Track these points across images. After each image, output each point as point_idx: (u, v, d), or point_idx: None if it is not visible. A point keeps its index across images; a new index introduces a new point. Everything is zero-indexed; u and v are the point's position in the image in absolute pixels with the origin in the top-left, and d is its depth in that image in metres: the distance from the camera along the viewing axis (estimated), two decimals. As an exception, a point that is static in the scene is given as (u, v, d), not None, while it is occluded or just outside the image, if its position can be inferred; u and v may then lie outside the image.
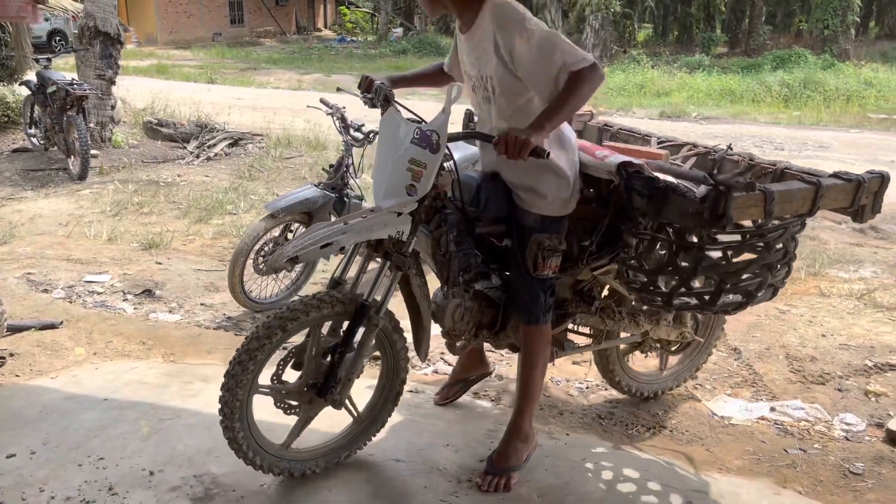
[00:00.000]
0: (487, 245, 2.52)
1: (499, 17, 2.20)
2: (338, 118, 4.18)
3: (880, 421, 3.09)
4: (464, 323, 2.52)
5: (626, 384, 3.10)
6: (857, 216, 2.52)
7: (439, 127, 2.15)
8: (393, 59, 22.73)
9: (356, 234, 2.20)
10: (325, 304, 2.27)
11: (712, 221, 2.13)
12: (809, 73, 17.31)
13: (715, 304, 2.41)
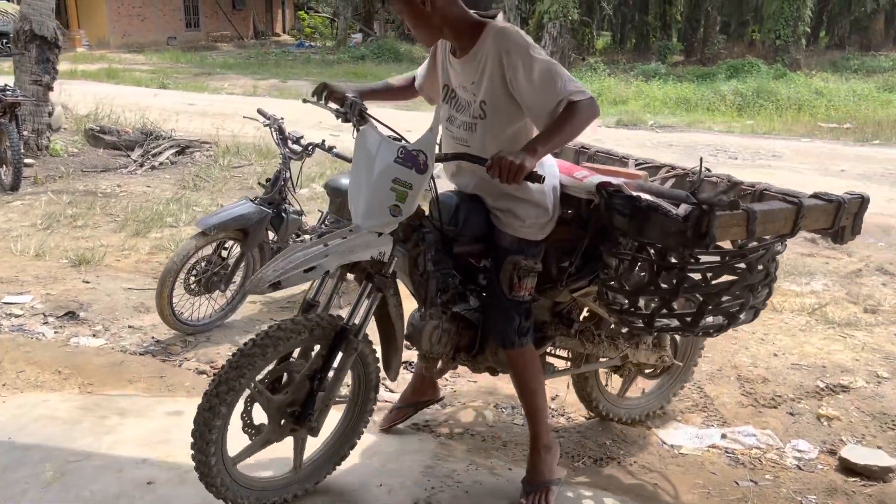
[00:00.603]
0: (465, 265, 2.49)
1: (503, 43, 2.16)
2: (275, 129, 3.99)
3: (833, 447, 3.00)
4: (441, 345, 2.46)
5: (605, 408, 3.03)
6: (837, 237, 2.50)
7: (427, 147, 2.12)
8: (352, 65, 22.48)
9: (339, 257, 2.14)
10: (305, 329, 2.19)
11: (695, 241, 2.11)
12: (762, 82, 17.56)
13: (697, 325, 2.37)
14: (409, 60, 23.85)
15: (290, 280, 2.08)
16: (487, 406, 3.23)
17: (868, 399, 3.41)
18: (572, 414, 3.18)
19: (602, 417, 3.08)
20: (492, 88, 2.21)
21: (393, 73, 20.47)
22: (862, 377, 3.61)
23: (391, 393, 3.28)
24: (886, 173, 9.47)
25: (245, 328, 3.94)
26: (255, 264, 3.94)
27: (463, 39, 2.26)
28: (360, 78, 19.34)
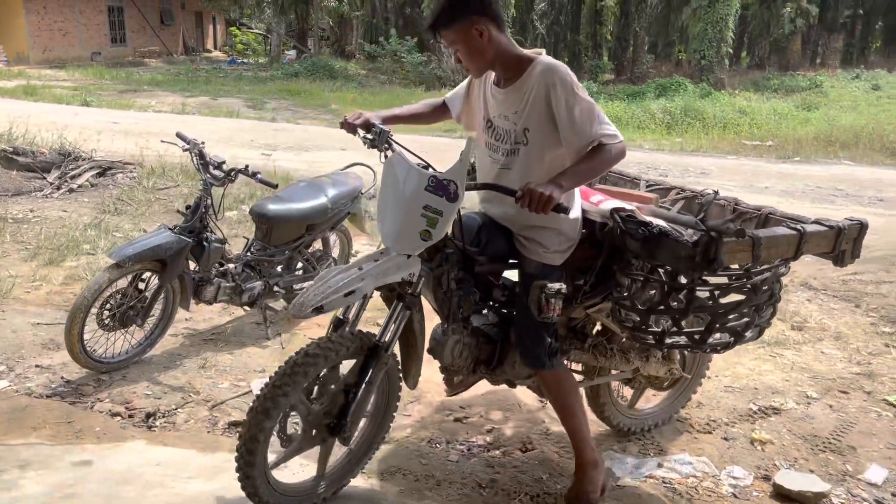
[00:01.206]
0: (485, 283, 2.62)
1: (552, 77, 2.31)
2: (195, 154, 3.80)
3: (767, 473, 2.99)
4: (462, 359, 2.61)
5: (616, 420, 3.15)
6: (837, 261, 2.64)
7: (458, 176, 2.26)
8: (285, 81, 22.15)
9: (374, 280, 2.29)
10: (343, 346, 2.34)
11: (704, 265, 2.24)
12: (689, 100, 18.09)
13: (705, 343, 2.53)
14: (343, 77, 23.71)
15: (332, 304, 2.22)
16: (422, 441, 3.11)
17: (799, 421, 3.43)
18: (508, 447, 3.09)
19: (614, 428, 3.18)
20: (536, 117, 2.36)
21: (327, 90, 20.34)
22: (792, 398, 3.64)
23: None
24: (807, 189, 9.81)
25: (165, 363, 3.73)
26: (175, 296, 3.74)
27: (510, 71, 2.42)
28: (294, 95, 19.12)
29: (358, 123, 2.65)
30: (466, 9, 2.32)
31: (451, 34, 2.36)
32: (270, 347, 4.00)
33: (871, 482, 2.96)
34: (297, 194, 4.19)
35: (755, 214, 2.80)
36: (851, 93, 21.83)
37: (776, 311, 2.68)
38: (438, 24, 2.39)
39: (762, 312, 2.58)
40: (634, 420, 3.23)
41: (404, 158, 2.42)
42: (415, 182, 2.31)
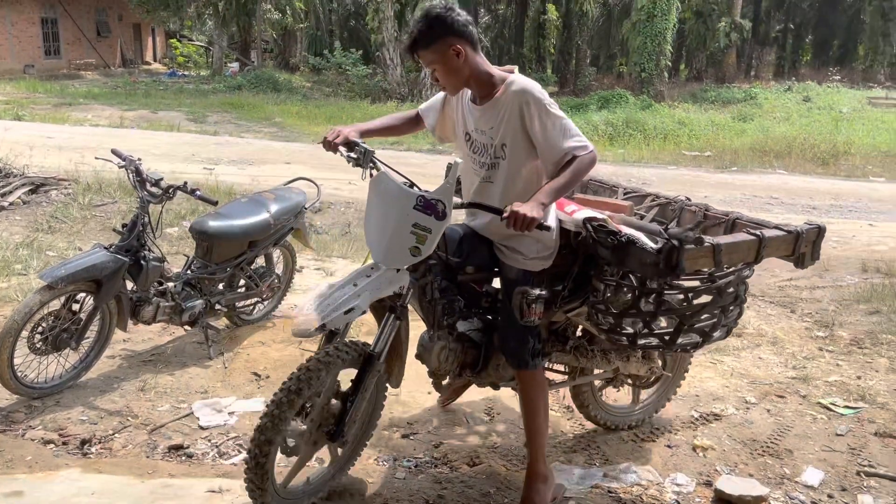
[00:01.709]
0: (469, 290, 2.78)
1: (524, 95, 2.45)
2: (131, 171, 3.70)
3: (709, 479, 3.05)
4: (448, 363, 2.75)
5: (601, 417, 3.31)
6: (798, 263, 2.82)
7: (445, 196, 2.39)
8: (228, 94, 21.81)
9: (371, 295, 2.42)
10: (340, 357, 2.46)
11: (667, 271, 2.39)
12: (630, 112, 18.49)
13: (675, 343, 2.71)
14: (287, 90, 23.49)
15: (334, 322, 2.35)
16: (368, 459, 3.08)
17: (739, 426, 3.51)
18: (455, 463, 3.08)
19: (599, 425, 3.34)
20: (512, 133, 2.50)
21: (270, 103, 20.13)
22: (732, 404, 3.73)
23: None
24: (744, 198, 10.11)
25: (102, 387, 3.61)
26: (112, 317, 3.62)
27: (484, 89, 2.55)
28: (237, 108, 18.85)
29: (339, 142, 2.66)
30: (445, 31, 2.44)
31: (430, 54, 2.48)
32: (213, 367, 3.91)
33: (808, 484, 3.04)
34: (239, 210, 4.12)
35: (723, 220, 2.97)
36: (784, 104, 22.62)
37: (742, 312, 2.87)
38: (418, 45, 2.48)
39: (728, 313, 2.77)
40: (619, 418, 3.38)
41: (391, 178, 2.52)
42: (403, 201, 2.44)
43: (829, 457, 3.26)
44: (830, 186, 11.16)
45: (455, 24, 2.45)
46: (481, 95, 2.57)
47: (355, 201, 8.89)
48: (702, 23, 30.83)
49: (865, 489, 3.03)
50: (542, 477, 2.75)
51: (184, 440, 3.19)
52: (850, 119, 18.99)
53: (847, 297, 5.67)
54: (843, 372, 4.19)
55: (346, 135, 2.66)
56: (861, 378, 4.11)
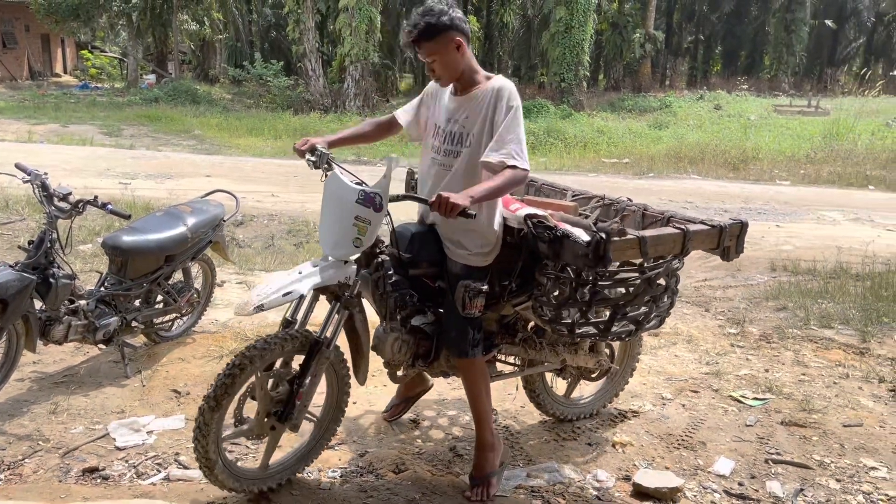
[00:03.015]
0: (422, 285, 2.95)
1: (502, 93, 2.70)
2: (37, 186, 3.56)
3: (628, 473, 3.14)
4: (402, 354, 2.91)
5: (551, 408, 3.48)
6: (724, 255, 3.07)
7: (382, 190, 2.62)
8: (144, 107, 21.18)
9: (311, 281, 2.59)
10: (286, 342, 2.64)
11: (596, 261, 2.60)
12: (551, 121, 18.90)
13: (609, 331, 2.95)
14: (207, 102, 22.99)
15: (271, 303, 2.49)
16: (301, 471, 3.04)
17: (655, 421, 3.64)
18: (381, 470, 3.08)
19: (551, 416, 3.52)
20: (480, 122, 2.73)
21: (189, 115, 19.68)
22: (649, 400, 3.86)
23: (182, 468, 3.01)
24: (661, 203, 10.45)
25: (10, 411, 3.45)
26: (20, 338, 3.47)
27: (467, 83, 2.79)
28: (154, 121, 18.36)
29: (304, 148, 2.91)
30: (448, 26, 2.68)
31: (433, 45, 2.69)
32: (130, 386, 3.80)
33: (720, 474, 3.18)
34: (154, 224, 4.02)
35: (659, 217, 3.17)
36: (697, 112, 23.54)
37: (674, 303, 3.12)
38: (422, 36, 2.68)
39: (659, 303, 3.01)
40: (569, 409, 3.55)
41: (339, 176, 2.75)
42: (347, 196, 2.66)
43: (739, 447, 3.42)
44: (740, 190, 11.68)
45: (456, 20, 2.69)
46: (463, 88, 2.80)
47: (279, 214, 8.78)
48: (618, 34, 31.85)
49: (773, 476, 3.18)
50: (489, 445, 3.00)
51: (99, 462, 3.08)
52: (758, 126, 19.91)
53: (757, 295, 5.95)
54: (752, 366, 4.39)
55: (312, 143, 2.92)
56: (769, 371, 4.32)
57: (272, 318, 4.86)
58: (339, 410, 2.97)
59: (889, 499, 3.04)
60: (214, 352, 4.22)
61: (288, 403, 2.71)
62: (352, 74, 22.60)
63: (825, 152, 15.35)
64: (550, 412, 3.49)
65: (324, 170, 2.83)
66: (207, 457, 2.57)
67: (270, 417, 2.71)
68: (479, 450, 3.00)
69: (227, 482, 2.66)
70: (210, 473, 2.61)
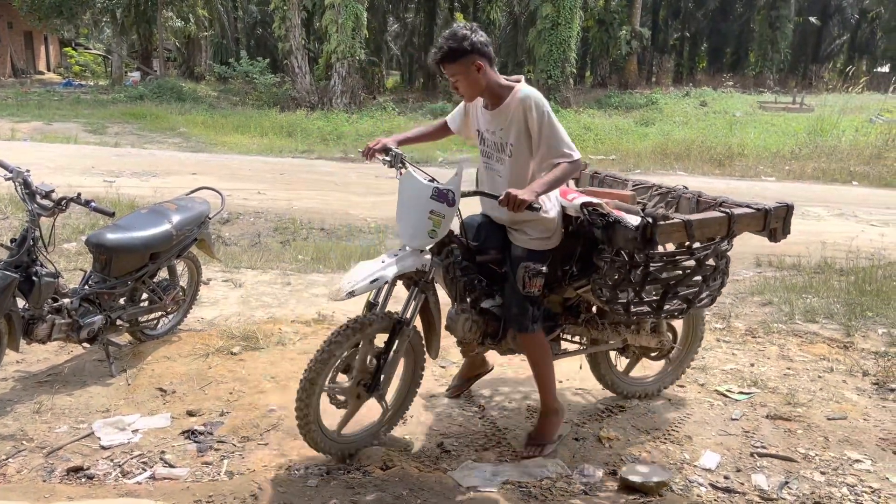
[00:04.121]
0: (490, 271, 3.22)
1: (527, 103, 2.92)
2: (19, 183, 3.53)
3: (614, 468, 3.15)
4: (472, 333, 3.20)
5: (616, 385, 3.69)
6: (771, 237, 3.27)
7: (454, 187, 2.91)
8: (129, 104, 21.02)
9: (394, 269, 2.93)
10: (374, 322, 2.98)
11: (644, 245, 2.88)
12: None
13: (662, 309, 3.19)
14: (193, 100, 22.86)
15: (360, 289, 2.84)
16: (280, 469, 3.03)
17: (642, 416, 3.65)
18: (368, 467, 3.08)
19: (615, 392, 3.72)
20: (516, 134, 2.98)
21: (175, 112, 19.59)
22: (636, 395, 3.87)
23: (169, 467, 2.99)
24: (647, 200, 10.49)
25: (-7, 411, 3.42)
26: (3, 337, 3.43)
27: (495, 97, 3.04)
28: (139, 118, 18.25)
29: (377, 149, 3.21)
30: (470, 50, 2.90)
31: (455, 67, 2.94)
32: (115, 385, 3.77)
33: (706, 467, 3.20)
34: (138, 222, 3.99)
35: (712, 203, 3.35)
36: (683, 109, 23.64)
37: (724, 283, 3.35)
38: (445, 59, 2.93)
39: (710, 283, 3.24)
40: (633, 386, 3.74)
41: (414, 174, 3.04)
42: (422, 192, 2.95)
43: (725, 440, 3.44)
44: (726, 186, 11.72)
45: (477, 44, 2.91)
46: (492, 103, 3.05)
47: (265, 211, 8.74)
48: (604, 31, 31.91)
49: (758, 469, 3.20)
50: (553, 410, 3.31)
51: (84, 461, 3.06)
52: (743, 122, 20.02)
53: (742, 290, 5.98)
54: (738, 360, 4.42)
55: (384, 143, 3.22)
56: (754, 365, 4.34)
57: (259, 316, 4.84)
58: (416, 384, 3.28)
59: (873, 490, 3.06)
60: (200, 350, 4.20)
61: (374, 376, 3.03)
62: (338, 72, 22.52)
63: (809, 148, 15.44)
64: (615, 389, 3.70)
65: (398, 168, 3.15)
66: (308, 425, 2.91)
67: (359, 387, 3.03)
68: (543, 415, 3.31)
69: (325, 446, 3.01)
70: (310, 437, 2.95)
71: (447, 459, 3.19)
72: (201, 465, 3.08)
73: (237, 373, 3.94)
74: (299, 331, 4.61)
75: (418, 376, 3.27)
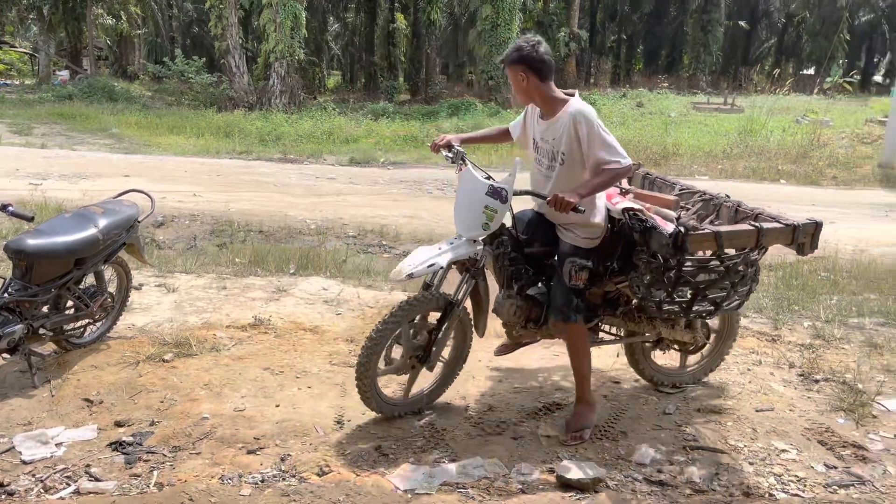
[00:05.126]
0: (536, 262, 3.51)
1: (579, 116, 3.19)
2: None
3: (551, 466, 3.17)
4: (516, 317, 3.51)
5: (651, 375, 3.94)
6: (799, 250, 3.46)
7: (508, 185, 3.22)
8: (57, 104, 20.27)
9: (450, 256, 3.29)
10: (428, 302, 3.37)
11: (676, 251, 3.14)
12: (479, 119, 19.04)
13: (690, 310, 3.43)
14: (126, 99, 22.21)
15: (418, 272, 3.21)
16: (212, 478, 2.96)
17: (579, 413, 3.69)
18: (304, 473, 3.03)
19: (649, 382, 3.96)
20: (567, 144, 3.24)
21: (107, 112, 19.03)
22: (573, 393, 3.89)
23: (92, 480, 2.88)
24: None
25: None
26: (-87, 349, 3.26)
27: (548, 107, 3.33)
28: (68, 119, 17.70)
29: (441, 144, 3.62)
30: (519, 60, 3.24)
31: (509, 72, 3.30)
32: (38, 396, 3.62)
33: (641, 462, 3.25)
34: (62, 226, 3.84)
35: (749, 214, 3.56)
36: (620, 109, 24.05)
37: (753, 290, 3.56)
38: (503, 63, 3.31)
39: (738, 289, 3.45)
40: (668, 377, 3.97)
41: (472, 171, 3.38)
42: (478, 188, 3.29)
43: (659, 435, 3.50)
44: (661, 185, 12.02)
45: (527, 58, 3.22)
46: (546, 113, 3.34)
47: (201, 213, 8.55)
48: (543, 33, 32.18)
49: (691, 462, 3.28)
50: (587, 403, 3.52)
51: (3, 477, 2.93)
52: (678, 123, 20.50)
53: (676, 286, 6.11)
54: (671, 356, 4.49)
55: (448, 140, 3.61)
56: (687, 360, 4.44)
57: (193, 321, 4.72)
58: (463, 359, 3.65)
59: (798, 479, 3.17)
60: (130, 358, 4.06)
61: (426, 349, 3.40)
62: (277, 71, 22.19)
63: (740, 148, 15.92)
64: (650, 378, 3.94)
65: (459, 164, 3.48)
66: (365, 387, 3.29)
67: (412, 359, 3.42)
68: (578, 404, 3.53)
69: (378, 407, 3.40)
70: (367, 400, 3.34)
71: (385, 463, 3.16)
72: (129, 477, 2.98)
73: (169, 381, 3.83)
74: (234, 336, 4.51)
75: (466, 352, 3.64)
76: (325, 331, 4.73)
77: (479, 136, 3.89)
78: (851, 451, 3.42)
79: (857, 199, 11.89)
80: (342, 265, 6.64)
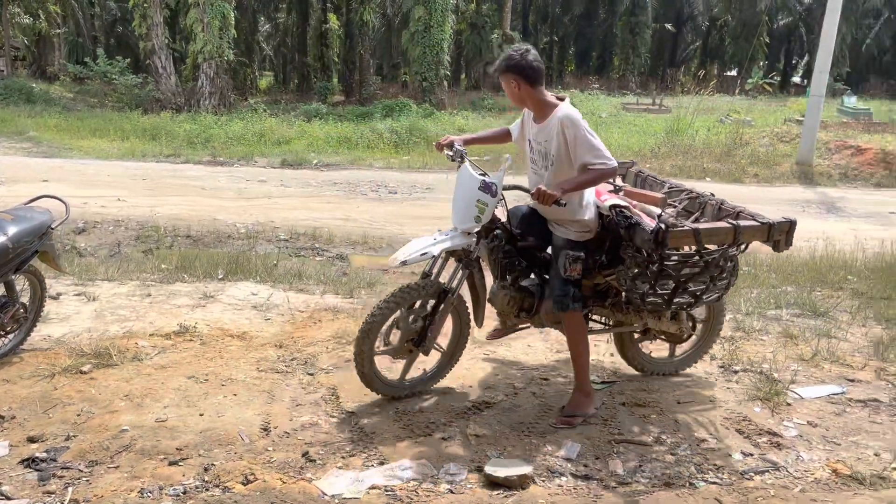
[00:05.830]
0: (530, 255, 3.73)
1: (566, 120, 3.38)
2: None
3: (479, 465, 3.19)
4: (510, 307, 3.76)
5: (639, 364, 4.18)
6: (775, 247, 3.68)
7: (497, 180, 3.49)
8: (-30, 107, 19.37)
9: (443, 245, 3.52)
10: (424, 289, 3.60)
11: (657, 246, 3.33)
12: (413, 120, 19.03)
13: (672, 302, 3.62)
14: (44, 102, 21.39)
15: (412, 260, 3.44)
16: (131, 492, 2.86)
17: (508, 411, 3.73)
18: (228, 483, 2.96)
19: (638, 370, 4.19)
20: (556, 146, 3.44)
21: (24, 115, 18.31)
22: (502, 391, 3.95)
23: (6, 502, 2.74)
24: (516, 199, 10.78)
25: None
26: None
27: (539, 111, 3.55)
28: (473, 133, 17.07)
29: (444, 144, 3.84)
30: (510, 68, 3.45)
31: (502, 79, 3.52)
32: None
33: (567, 457, 3.30)
34: (-33, 235, 3.66)
35: (731, 211, 3.74)
36: (552, 110, 24.40)
37: (731, 284, 3.76)
38: (496, 71, 3.53)
39: (717, 283, 3.64)
40: (655, 366, 4.19)
41: (468, 168, 3.60)
42: (472, 183, 3.51)
43: (585, 430, 3.56)
44: (592, 184, 12.26)
45: (517, 66, 3.42)
46: (538, 116, 3.55)
47: (125, 219, 8.30)
48: (476, 34, 32.50)
49: (616, 455, 3.34)
50: (584, 392, 3.69)
51: None
52: (608, 123, 20.96)
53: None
54: (598, 351, 4.58)
55: (451, 140, 3.82)
56: (614, 356, 4.52)
57: (114, 331, 4.57)
58: (461, 346, 3.87)
59: (717, 468, 3.27)
60: (45, 370, 3.90)
61: (422, 334, 3.61)
62: (206, 72, 21.71)
63: (668, 147, 16.39)
64: (638, 367, 4.16)
65: (458, 162, 3.68)
66: (363, 368, 3.54)
67: (409, 343, 3.62)
68: (575, 391, 3.71)
69: (377, 388, 3.65)
70: (365, 380, 3.59)
71: (312, 468, 3.13)
72: (42, 494, 2.86)
73: (86, 393, 3.70)
74: (158, 344, 4.39)
75: (464, 339, 3.86)
76: (252, 337, 4.65)
77: (481, 136, 4.13)
78: (767, 438, 3.55)
79: (777, 196, 12.39)
80: (273, 269, 6.55)
